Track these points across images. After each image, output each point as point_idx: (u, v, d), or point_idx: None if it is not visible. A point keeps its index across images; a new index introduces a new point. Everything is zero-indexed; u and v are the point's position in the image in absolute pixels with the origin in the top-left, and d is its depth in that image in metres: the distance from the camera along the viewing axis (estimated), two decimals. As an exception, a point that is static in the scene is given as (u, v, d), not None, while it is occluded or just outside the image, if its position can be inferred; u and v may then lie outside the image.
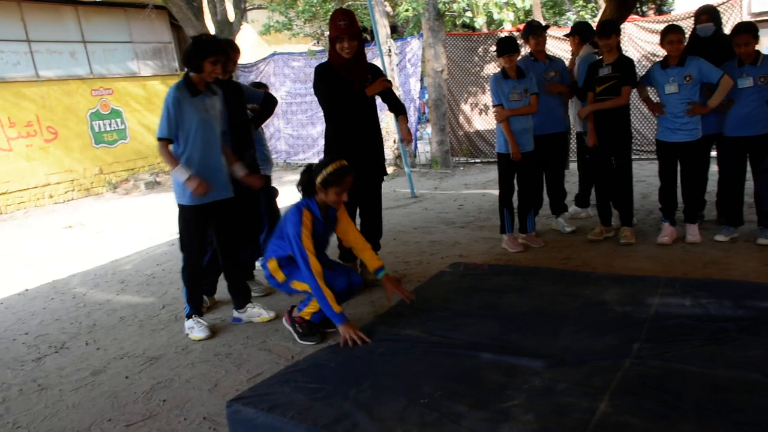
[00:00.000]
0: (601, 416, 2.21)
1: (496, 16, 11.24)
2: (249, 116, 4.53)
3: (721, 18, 5.17)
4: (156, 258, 6.35)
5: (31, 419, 3.09)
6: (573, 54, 5.83)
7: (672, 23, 5.08)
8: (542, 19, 13.51)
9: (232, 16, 11.76)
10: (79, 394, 3.31)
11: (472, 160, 10.85)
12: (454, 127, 10.72)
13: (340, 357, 3.02)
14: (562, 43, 9.15)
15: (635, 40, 9.22)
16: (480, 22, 12.22)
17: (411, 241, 5.84)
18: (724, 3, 8.38)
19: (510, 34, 9.03)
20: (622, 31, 6.97)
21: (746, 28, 4.45)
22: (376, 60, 9.11)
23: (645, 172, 7.60)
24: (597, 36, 4.88)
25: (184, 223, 3.89)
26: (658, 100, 4.75)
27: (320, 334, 3.63)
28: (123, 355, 3.81)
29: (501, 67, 4.90)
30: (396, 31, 15.66)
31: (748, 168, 4.68)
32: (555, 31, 9.49)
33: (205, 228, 3.92)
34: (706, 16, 4.88)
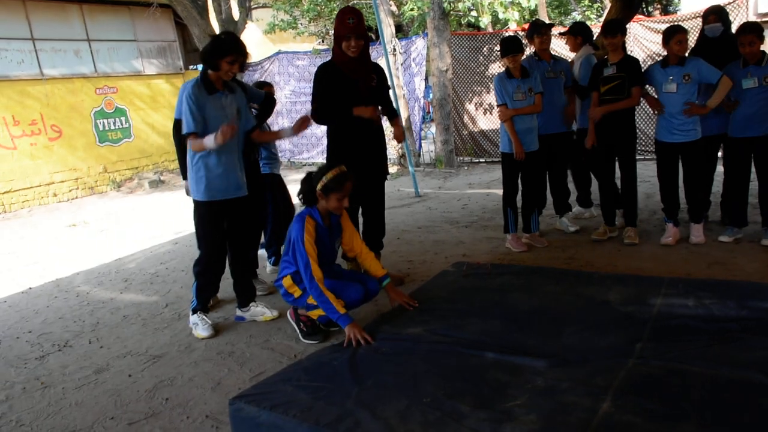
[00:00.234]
0: (604, 416, 2.21)
1: (501, 16, 11.21)
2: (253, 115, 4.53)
3: (729, 18, 5.14)
4: (160, 257, 6.36)
5: (34, 417, 3.10)
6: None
7: (676, 24, 5.06)
8: (547, 19, 13.51)
9: (236, 15, 11.78)
10: (82, 392, 3.32)
11: (477, 160, 10.84)
12: (459, 126, 10.71)
13: (342, 356, 3.02)
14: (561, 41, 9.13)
15: (641, 40, 9.20)
16: (485, 21, 12.19)
17: (415, 241, 5.83)
18: (730, 3, 8.35)
19: (515, 34, 9.02)
20: (628, 31, 6.96)
21: (751, 28, 4.42)
22: (381, 59, 9.11)
23: (649, 172, 7.56)
24: (603, 35, 4.87)
25: (199, 219, 3.90)
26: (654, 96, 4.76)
27: (323, 334, 3.63)
28: (126, 354, 3.82)
29: (505, 66, 4.89)
30: (401, 30, 15.66)
31: (753, 169, 4.66)
32: (560, 31, 9.47)
33: (220, 224, 3.90)
34: (715, 16, 4.86)
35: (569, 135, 5.44)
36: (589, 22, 15.06)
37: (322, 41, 16.89)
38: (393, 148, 10.34)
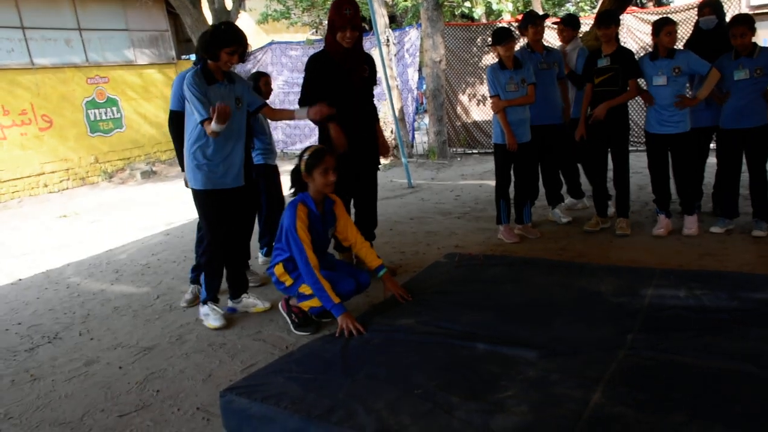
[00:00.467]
0: (595, 407, 2.21)
1: (495, 7, 11.22)
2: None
3: (724, 11, 5.15)
4: (151, 248, 6.32)
5: (24, 410, 3.08)
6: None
7: (665, 15, 5.06)
8: (541, 10, 13.46)
9: (229, 5, 11.69)
10: (72, 385, 3.30)
11: (470, 151, 10.83)
12: (452, 117, 10.69)
13: (334, 347, 3.01)
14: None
15: (634, 32, 9.19)
16: (479, 12, 12.18)
17: (407, 232, 5.82)
18: (724, -5, 8.34)
19: (508, 25, 9.00)
20: (621, 22, 6.95)
21: (742, 20, 4.42)
22: (374, 50, 9.07)
23: (641, 164, 7.52)
24: (596, 26, 4.86)
25: (201, 208, 3.85)
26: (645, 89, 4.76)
27: (315, 325, 3.62)
28: (117, 346, 3.80)
29: (498, 57, 4.87)
30: (394, 21, 15.61)
31: (744, 160, 4.67)
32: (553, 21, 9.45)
33: (221, 212, 3.82)
34: (709, 8, 4.87)
35: (562, 126, 5.43)
36: (582, 14, 15.08)
37: (316, 31, 16.83)
38: (386, 138, 10.31)
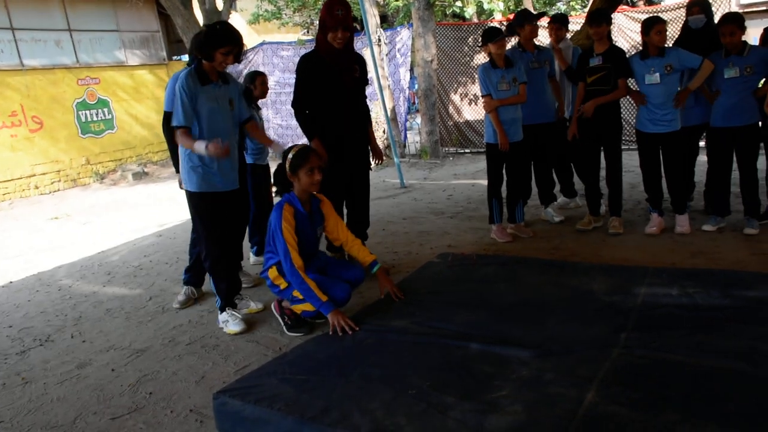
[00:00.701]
0: (589, 406, 2.21)
1: (486, 6, 11.22)
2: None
3: (712, 10, 5.18)
4: (143, 249, 6.30)
5: (15, 413, 3.05)
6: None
7: (654, 14, 5.09)
8: (533, 9, 13.47)
9: (220, 5, 11.66)
10: (64, 388, 3.28)
11: (462, 150, 10.83)
12: (444, 117, 10.70)
13: (327, 348, 3.01)
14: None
15: (625, 31, 9.21)
16: (470, 11, 12.19)
17: (400, 232, 5.82)
18: (714, -7, 8.38)
19: (500, 24, 9.01)
20: (612, 21, 6.98)
21: (731, 19, 4.44)
22: (366, 50, 9.07)
23: (634, 162, 7.54)
24: (588, 24, 4.87)
25: (194, 209, 3.81)
26: (636, 89, 4.77)
27: (308, 327, 3.61)
28: (109, 348, 3.78)
29: (489, 56, 4.87)
30: (386, 21, 15.60)
31: (735, 158, 4.69)
32: (545, 21, 9.46)
33: (216, 214, 3.77)
34: (698, 7, 4.89)
35: (555, 125, 5.44)
36: (573, 13, 15.12)
37: (307, 32, 16.81)
38: (378, 138, 10.31)
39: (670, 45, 4.77)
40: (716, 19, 4.85)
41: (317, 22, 5.08)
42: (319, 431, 2.27)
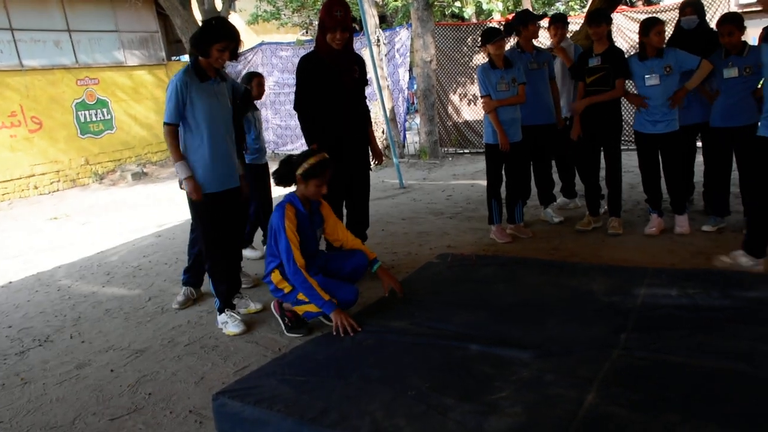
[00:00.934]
0: (589, 407, 2.21)
1: (485, 6, 11.22)
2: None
3: (705, 9, 5.20)
4: (142, 249, 6.29)
5: (14, 414, 3.05)
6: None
7: (652, 15, 5.10)
8: (532, 9, 13.48)
9: (219, 6, 11.65)
10: (63, 388, 3.28)
11: (461, 151, 10.83)
12: (443, 117, 10.70)
13: (327, 349, 3.00)
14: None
15: (624, 31, 9.21)
16: (469, 12, 12.19)
17: (399, 232, 5.82)
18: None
19: (499, 25, 9.01)
20: (612, 21, 6.98)
21: (730, 19, 4.44)
22: (365, 50, 9.06)
23: (633, 163, 7.55)
24: (587, 25, 4.87)
25: (194, 209, 3.80)
26: (635, 92, 4.77)
27: (308, 327, 3.60)
28: (108, 348, 3.77)
29: (488, 57, 4.87)
30: (385, 21, 15.60)
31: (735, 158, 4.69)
32: (546, 23, 9.47)
33: (216, 216, 3.76)
34: (691, 8, 4.92)
35: (554, 126, 5.44)
36: (572, 13, 15.12)
37: (306, 32, 16.80)
38: (377, 139, 10.31)
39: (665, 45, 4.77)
40: (710, 21, 4.86)
41: (316, 23, 5.08)
42: (319, 432, 2.26)
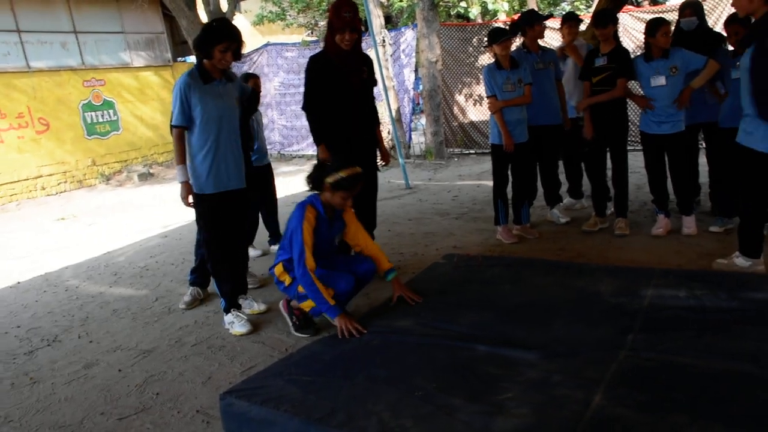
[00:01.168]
0: (596, 408, 2.21)
1: (491, 7, 11.18)
2: None
3: (704, 12, 5.22)
4: (149, 250, 6.31)
5: (23, 413, 3.07)
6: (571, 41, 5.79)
7: (658, 16, 5.09)
8: (538, 10, 13.46)
9: (225, 6, 11.67)
10: (72, 388, 3.30)
11: (467, 151, 10.83)
12: (449, 117, 10.69)
13: (334, 349, 3.01)
14: (557, 34, 9.14)
15: (630, 31, 9.20)
16: (474, 12, 12.16)
17: (405, 233, 5.82)
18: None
19: (504, 25, 9.00)
20: (618, 21, 6.96)
21: (737, 19, 4.42)
22: (370, 50, 9.07)
23: (639, 163, 7.53)
24: (594, 26, 4.86)
25: (200, 211, 3.82)
26: (640, 93, 4.76)
27: (315, 327, 3.61)
28: (116, 348, 3.79)
29: (494, 57, 4.87)
30: (390, 22, 15.59)
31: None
32: (552, 23, 9.45)
33: (219, 216, 3.79)
34: (690, 10, 4.93)
35: (560, 126, 5.43)
36: (578, 13, 15.06)
37: (311, 33, 16.80)
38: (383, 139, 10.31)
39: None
40: (715, 23, 4.85)
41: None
42: (326, 433, 2.27)
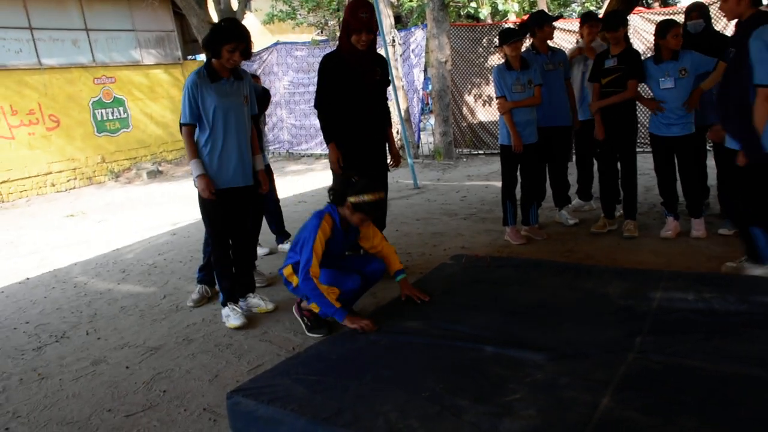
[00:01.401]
0: (604, 411, 2.20)
1: (501, 7, 11.18)
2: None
3: (710, 15, 5.20)
4: (158, 247, 6.34)
5: (31, 409, 3.09)
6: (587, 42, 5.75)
7: (668, 18, 5.07)
8: (547, 11, 13.43)
9: (235, 5, 11.69)
10: (79, 384, 3.31)
11: (475, 152, 10.81)
12: (458, 118, 10.67)
13: (341, 349, 3.01)
14: (566, 35, 9.12)
15: (641, 32, 9.15)
16: (484, 12, 12.16)
17: (413, 233, 5.82)
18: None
19: (514, 25, 8.98)
20: (628, 22, 6.94)
21: None
22: (380, 50, 9.06)
23: (649, 165, 7.48)
24: (604, 28, 4.85)
25: (203, 207, 3.85)
26: (650, 96, 4.74)
27: (328, 327, 3.60)
28: (123, 345, 3.81)
29: (504, 58, 4.86)
30: (400, 22, 15.60)
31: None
32: (562, 23, 9.42)
33: (224, 213, 3.83)
34: (696, 12, 4.92)
35: (569, 128, 5.41)
36: (590, 14, 15.01)
37: (321, 32, 16.84)
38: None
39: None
40: (725, 27, 4.82)
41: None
42: (332, 432, 2.27)
